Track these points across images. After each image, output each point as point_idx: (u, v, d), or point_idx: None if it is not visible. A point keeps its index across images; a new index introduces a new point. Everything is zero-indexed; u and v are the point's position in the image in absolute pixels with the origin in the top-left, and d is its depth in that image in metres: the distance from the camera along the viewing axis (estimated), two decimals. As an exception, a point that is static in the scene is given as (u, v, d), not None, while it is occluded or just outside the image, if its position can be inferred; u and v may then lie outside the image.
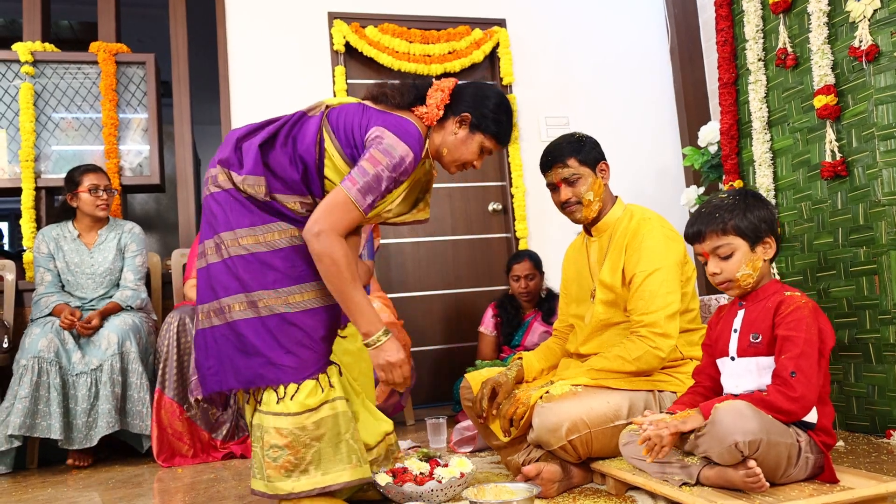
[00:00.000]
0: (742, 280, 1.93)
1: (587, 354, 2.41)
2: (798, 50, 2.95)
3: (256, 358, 2.02)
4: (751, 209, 1.93)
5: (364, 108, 2.14)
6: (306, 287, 2.06)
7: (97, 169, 3.61)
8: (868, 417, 2.65)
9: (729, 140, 3.27)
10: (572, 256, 2.64)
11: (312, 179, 2.10)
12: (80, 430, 3.23)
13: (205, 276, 2.11)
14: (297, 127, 2.13)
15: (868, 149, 2.63)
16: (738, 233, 1.92)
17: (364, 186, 1.98)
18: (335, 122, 2.12)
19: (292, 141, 2.10)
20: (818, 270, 2.87)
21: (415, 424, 3.95)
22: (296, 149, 2.09)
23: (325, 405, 2.03)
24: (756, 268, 1.93)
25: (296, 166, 2.08)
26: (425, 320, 4.56)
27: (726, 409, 1.71)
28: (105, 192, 3.56)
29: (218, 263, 2.08)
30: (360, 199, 1.98)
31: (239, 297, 2.04)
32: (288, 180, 2.08)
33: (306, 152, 2.08)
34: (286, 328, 2.03)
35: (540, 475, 2.07)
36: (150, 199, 6.21)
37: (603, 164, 2.43)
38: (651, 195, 4.72)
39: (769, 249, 1.94)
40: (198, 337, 2.12)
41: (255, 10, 4.49)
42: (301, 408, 2.00)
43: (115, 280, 3.61)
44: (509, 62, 4.76)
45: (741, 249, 1.92)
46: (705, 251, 1.97)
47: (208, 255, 2.11)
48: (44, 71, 4.09)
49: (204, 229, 2.15)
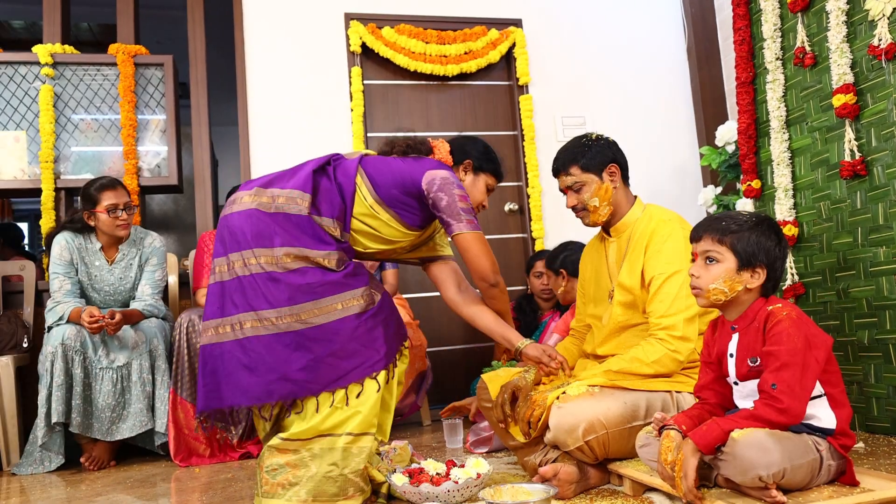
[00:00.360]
0: (711, 293, 1.89)
1: (604, 356, 2.40)
2: (816, 48, 2.93)
3: (269, 373, 2.07)
4: (757, 234, 1.89)
5: (402, 159, 2.39)
6: (320, 303, 2.11)
7: (115, 185, 3.44)
8: (889, 418, 2.63)
9: (747, 139, 3.25)
10: (590, 256, 2.63)
11: (347, 209, 2.25)
12: (103, 422, 3.24)
13: (217, 293, 2.16)
14: (339, 162, 2.33)
15: (888, 148, 2.61)
16: (731, 248, 1.89)
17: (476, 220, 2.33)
18: (371, 167, 2.33)
19: (333, 172, 2.28)
20: (837, 270, 2.84)
21: (431, 425, 3.95)
22: (337, 179, 2.26)
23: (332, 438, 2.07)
24: (733, 289, 1.88)
25: (335, 194, 2.24)
26: (442, 320, 4.57)
27: (747, 443, 1.68)
28: (125, 210, 3.41)
29: (232, 281, 2.13)
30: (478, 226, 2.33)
31: (250, 315, 2.09)
32: (329, 204, 2.23)
33: (346, 183, 2.25)
34: (301, 344, 2.08)
35: (557, 476, 2.06)
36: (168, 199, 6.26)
37: (612, 166, 2.41)
38: (668, 195, 4.70)
39: (755, 279, 1.89)
40: (206, 351, 2.15)
41: (272, 11, 4.52)
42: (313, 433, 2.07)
43: (134, 297, 3.58)
44: (525, 62, 4.75)
45: (726, 265, 1.88)
46: (696, 252, 1.95)
47: (223, 272, 2.17)
48: (63, 73, 4.13)
49: (217, 248, 2.21)
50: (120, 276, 3.53)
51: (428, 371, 3.75)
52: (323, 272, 2.13)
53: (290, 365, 2.06)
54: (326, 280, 2.12)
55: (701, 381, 2.04)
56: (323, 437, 2.07)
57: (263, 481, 2.10)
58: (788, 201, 3.05)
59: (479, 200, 2.54)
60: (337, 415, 2.07)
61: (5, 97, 4.02)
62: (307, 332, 2.08)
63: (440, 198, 2.25)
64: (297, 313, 2.08)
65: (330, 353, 2.09)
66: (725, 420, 1.76)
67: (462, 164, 2.52)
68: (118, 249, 3.53)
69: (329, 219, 2.21)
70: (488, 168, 2.54)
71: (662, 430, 1.87)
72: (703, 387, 2.03)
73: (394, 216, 2.28)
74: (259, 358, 2.07)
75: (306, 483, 2.06)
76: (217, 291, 2.16)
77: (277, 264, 2.10)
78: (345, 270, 2.17)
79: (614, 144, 2.47)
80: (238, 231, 2.16)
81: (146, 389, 3.32)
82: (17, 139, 4.01)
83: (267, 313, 2.08)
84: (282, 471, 2.08)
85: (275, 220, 2.15)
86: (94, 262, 3.49)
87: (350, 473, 2.07)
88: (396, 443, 2.58)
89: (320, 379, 2.07)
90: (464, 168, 2.52)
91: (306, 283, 2.10)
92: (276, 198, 2.18)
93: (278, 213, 2.16)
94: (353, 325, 2.12)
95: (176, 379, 3.32)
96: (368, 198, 2.26)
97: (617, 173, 2.42)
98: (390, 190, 2.27)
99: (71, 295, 3.39)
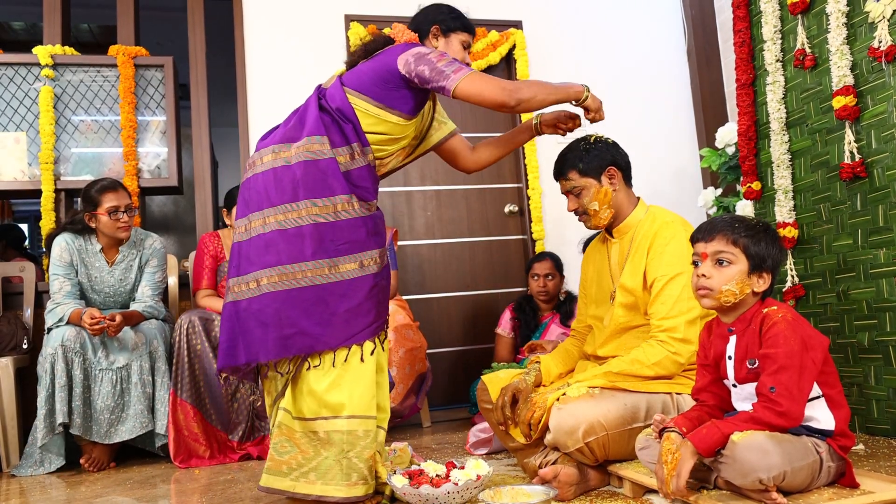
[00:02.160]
0: (723, 294, 1.88)
1: (605, 357, 2.40)
2: (816, 50, 2.93)
3: (285, 328, 2.10)
4: (766, 241, 1.90)
5: (371, 58, 2.35)
6: (344, 259, 2.15)
7: (116, 186, 3.42)
8: (889, 420, 2.63)
9: (747, 141, 3.25)
10: (592, 256, 2.62)
11: (358, 128, 2.26)
12: (102, 425, 3.24)
13: (236, 253, 2.21)
14: (325, 93, 2.32)
15: (888, 149, 2.61)
16: (745, 250, 1.88)
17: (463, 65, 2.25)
18: (351, 81, 2.30)
19: (328, 104, 2.28)
20: (838, 272, 2.84)
21: (431, 426, 3.95)
22: (334, 106, 2.26)
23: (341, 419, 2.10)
24: (742, 291, 1.88)
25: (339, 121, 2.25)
26: (442, 322, 4.57)
27: (747, 446, 1.68)
28: (126, 212, 3.39)
29: (251, 240, 2.18)
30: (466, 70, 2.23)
31: (269, 271, 2.13)
32: (340, 134, 2.24)
33: (343, 106, 2.25)
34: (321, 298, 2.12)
35: (557, 478, 2.06)
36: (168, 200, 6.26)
37: (611, 169, 2.41)
38: (668, 196, 4.69)
39: (762, 283, 1.89)
40: (226, 310, 2.20)
41: (272, 13, 4.52)
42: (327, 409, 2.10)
43: (134, 298, 3.59)
44: (526, 64, 4.75)
45: (740, 267, 1.88)
46: (706, 252, 1.93)
47: (241, 232, 2.22)
48: (64, 74, 4.13)
49: (240, 209, 2.27)
50: (120, 278, 3.53)
51: (428, 373, 3.75)
52: (347, 229, 2.16)
53: (310, 318, 2.10)
54: (350, 238, 2.16)
55: (699, 384, 2.04)
56: (325, 420, 2.10)
57: (270, 457, 2.13)
58: (788, 203, 3.05)
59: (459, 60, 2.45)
60: (342, 389, 2.10)
61: (5, 98, 4.02)
62: (329, 286, 2.12)
63: (422, 70, 2.22)
64: (319, 268, 2.12)
65: (347, 309, 2.13)
66: (725, 423, 1.76)
67: (430, 33, 2.48)
68: (118, 251, 3.53)
69: (346, 147, 2.23)
70: (456, 25, 2.49)
71: (662, 433, 1.87)
72: (701, 389, 2.02)
73: (394, 112, 2.28)
74: (275, 313, 2.10)
75: (314, 466, 2.09)
76: (236, 251, 2.21)
77: (302, 217, 2.14)
78: (368, 226, 2.21)
79: (615, 146, 2.46)
80: (263, 191, 2.20)
81: (146, 391, 3.32)
82: (18, 140, 4.01)
83: (289, 268, 2.11)
84: (291, 450, 2.12)
85: (299, 171, 2.18)
86: (94, 263, 3.49)
87: (355, 458, 2.09)
88: (396, 444, 2.58)
89: (337, 334, 2.11)
90: (433, 35, 2.48)
91: (330, 240, 2.14)
92: (298, 149, 2.20)
93: (300, 163, 2.18)
94: (370, 284, 2.17)
95: (176, 380, 3.32)
96: (368, 106, 2.26)
97: (617, 175, 2.41)
98: (377, 90, 2.26)
99: (71, 296, 3.39)
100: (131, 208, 3.46)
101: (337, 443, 2.09)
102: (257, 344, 2.12)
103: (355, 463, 2.10)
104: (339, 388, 2.11)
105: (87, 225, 3.45)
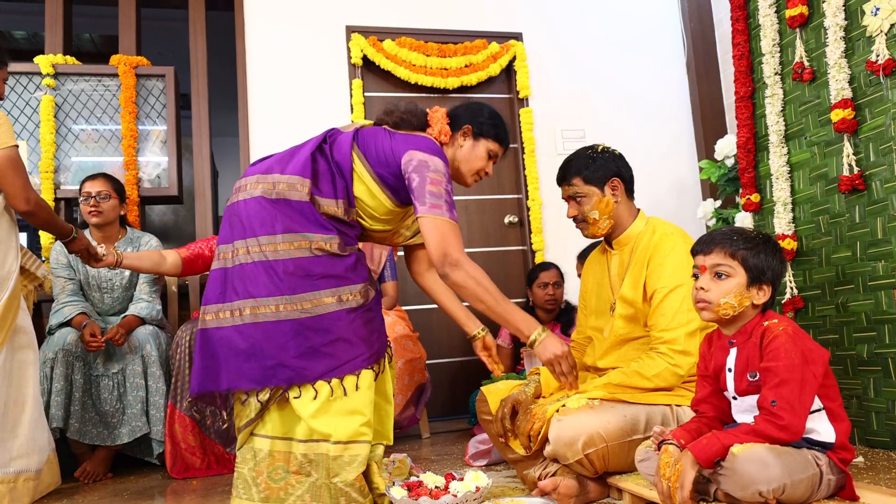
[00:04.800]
0: (721, 307, 1.89)
1: (605, 368, 2.40)
2: (815, 64, 2.95)
3: (266, 359, 2.08)
4: (766, 252, 1.89)
5: (391, 134, 2.31)
6: (320, 294, 2.12)
7: (96, 176, 3.56)
8: (888, 433, 2.62)
9: (746, 153, 3.26)
10: (592, 268, 2.63)
11: (349, 188, 2.23)
12: (107, 427, 3.24)
13: (220, 278, 2.18)
14: (334, 140, 2.28)
15: (886, 162, 2.61)
16: (743, 263, 1.88)
17: (448, 205, 2.18)
18: (364, 143, 2.28)
19: (330, 151, 2.25)
20: (836, 284, 2.85)
21: (430, 437, 3.94)
22: (334, 158, 2.24)
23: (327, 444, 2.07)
24: (741, 304, 1.88)
25: (335, 174, 2.22)
26: (441, 333, 4.56)
27: (747, 458, 1.68)
28: (96, 198, 3.47)
29: (235, 268, 2.15)
30: (455, 217, 2.18)
31: (250, 302, 2.10)
32: (330, 185, 2.21)
33: (343, 161, 2.23)
34: (299, 332, 2.09)
35: (556, 489, 2.06)
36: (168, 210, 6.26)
37: (615, 180, 2.41)
38: (667, 208, 4.71)
39: (762, 296, 1.89)
40: (205, 335, 2.16)
41: (273, 23, 4.54)
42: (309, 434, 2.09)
43: (132, 295, 3.61)
44: (526, 75, 4.77)
45: (738, 279, 1.88)
46: (705, 265, 1.93)
47: (227, 258, 2.18)
48: (65, 83, 4.14)
49: (224, 233, 2.23)
50: (117, 272, 3.57)
51: (427, 384, 3.75)
52: (325, 263, 2.13)
53: (287, 351, 2.07)
54: (328, 272, 2.13)
55: (698, 395, 2.04)
56: (315, 443, 2.09)
57: (264, 485, 2.11)
58: (787, 215, 3.06)
59: (478, 168, 2.43)
60: (329, 417, 2.07)
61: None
62: (306, 321, 2.09)
63: (412, 178, 2.18)
64: (297, 302, 2.09)
65: (327, 343, 2.10)
66: (725, 434, 1.76)
67: (461, 130, 2.41)
68: (114, 247, 3.53)
69: (331, 199, 2.20)
70: (489, 133, 2.42)
71: (661, 445, 1.87)
72: (701, 400, 2.02)
73: (387, 195, 2.25)
74: (258, 344, 2.08)
75: (307, 489, 2.08)
76: (219, 277, 2.17)
77: (278, 252, 2.11)
78: (346, 262, 2.18)
79: (620, 158, 2.47)
80: (245, 218, 2.17)
81: (139, 395, 3.31)
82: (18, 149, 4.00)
83: (267, 301, 2.09)
84: (285, 476, 2.11)
85: (276, 207, 2.15)
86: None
87: (341, 483, 2.07)
88: (395, 455, 2.58)
89: (317, 367, 2.08)
90: (462, 134, 2.41)
91: (307, 274, 2.11)
92: (276, 184, 2.18)
93: (279, 200, 2.16)
94: (350, 318, 2.13)
95: (175, 393, 3.30)
96: (365, 175, 2.23)
97: (619, 187, 2.42)
98: (379, 168, 2.24)
99: (74, 295, 3.47)
100: (106, 196, 3.51)
101: (323, 466, 2.08)
102: (239, 371, 2.09)
103: (342, 488, 2.07)
104: (324, 416, 2.08)
105: (83, 220, 3.55)
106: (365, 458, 2.11)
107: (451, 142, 2.41)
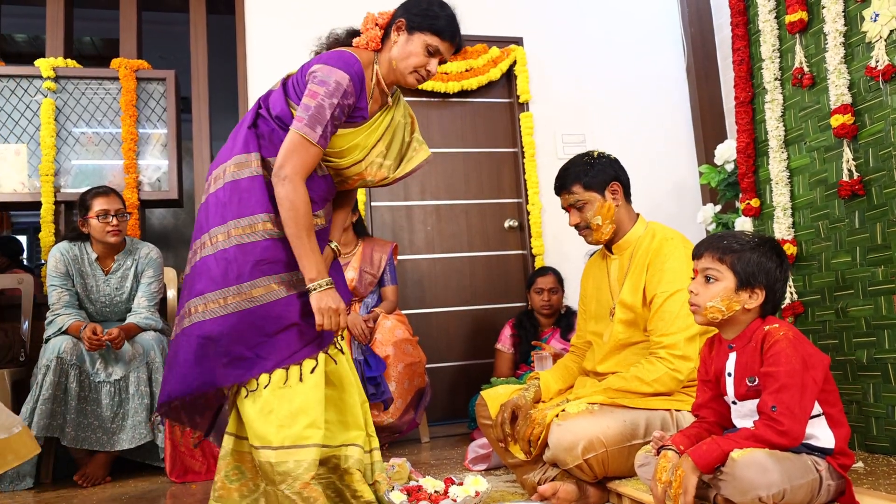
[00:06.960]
0: (708, 311, 1.89)
1: (604, 373, 2.40)
2: (814, 69, 2.95)
3: (218, 358, 2.00)
4: (758, 255, 1.88)
5: (318, 56, 2.21)
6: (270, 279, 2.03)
7: (108, 192, 3.46)
8: (888, 438, 2.62)
9: (746, 158, 3.26)
10: (592, 272, 2.63)
11: None
12: (100, 433, 3.22)
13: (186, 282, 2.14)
14: (266, 99, 2.22)
15: (885, 168, 2.62)
16: (730, 267, 1.88)
17: (310, 120, 2.03)
18: (290, 86, 2.20)
19: (267, 112, 2.18)
20: (836, 290, 2.85)
21: (430, 442, 3.94)
22: (273, 115, 2.17)
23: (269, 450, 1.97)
24: (730, 308, 1.88)
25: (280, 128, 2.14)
26: (441, 337, 4.56)
27: (747, 463, 1.68)
28: (116, 216, 3.40)
29: (192, 269, 2.11)
30: (310, 133, 2.03)
31: (199, 300, 2.04)
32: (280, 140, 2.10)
33: (283, 113, 2.15)
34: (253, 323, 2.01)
35: (556, 494, 2.06)
36: (168, 213, 6.27)
37: (614, 184, 2.42)
38: (667, 213, 4.70)
39: (754, 299, 1.88)
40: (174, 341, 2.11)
41: (274, 27, 4.54)
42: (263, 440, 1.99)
43: (129, 308, 3.56)
44: (526, 80, 4.78)
45: (725, 283, 1.88)
46: (697, 269, 1.95)
47: (187, 263, 2.16)
48: (65, 86, 4.15)
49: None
50: (116, 286, 3.52)
51: (427, 388, 3.75)
52: (272, 248, 2.03)
53: (241, 344, 1.99)
54: (276, 258, 2.04)
55: (699, 400, 2.04)
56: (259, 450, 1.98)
57: (220, 484, 2.09)
58: (787, 220, 3.06)
59: (414, 64, 2.19)
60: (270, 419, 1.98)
61: (7, 110, 4.04)
62: (256, 310, 2.00)
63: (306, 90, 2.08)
64: (248, 290, 2.00)
65: (278, 330, 2.01)
66: (725, 439, 1.76)
67: (394, 26, 2.20)
68: (114, 259, 3.52)
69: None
70: (423, 24, 2.17)
71: (661, 450, 1.87)
72: (701, 405, 2.02)
73: None
74: (206, 344, 1.99)
75: (262, 493, 2.06)
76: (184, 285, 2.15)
77: (227, 241, 2.03)
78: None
79: (616, 162, 2.48)
80: (203, 217, 2.12)
81: (144, 402, 3.30)
82: (18, 152, 4.02)
83: (213, 295, 2.01)
84: (241, 477, 2.09)
85: (224, 193, 2.08)
86: (89, 272, 3.48)
87: (288, 490, 1.96)
88: (395, 460, 2.58)
89: (274, 355, 2.00)
90: (396, 29, 2.19)
91: (255, 261, 2.02)
92: (226, 169, 2.11)
93: (227, 184, 2.08)
94: (303, 302, 2.05)
95: (174, 396, 3.30)
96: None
97: (619, 191, 2.42)
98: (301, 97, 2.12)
99: (70, 306, 3.39)
100: (123, 213, 3.46)
101: (268, 474, 1.98)
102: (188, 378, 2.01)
103: (289, 496, 1.96)
104: (267, 416, 1.98)
105: (82, 233, 3.46)
106: (313, 464, 1.99)
107: (386, 45, 2.23)
